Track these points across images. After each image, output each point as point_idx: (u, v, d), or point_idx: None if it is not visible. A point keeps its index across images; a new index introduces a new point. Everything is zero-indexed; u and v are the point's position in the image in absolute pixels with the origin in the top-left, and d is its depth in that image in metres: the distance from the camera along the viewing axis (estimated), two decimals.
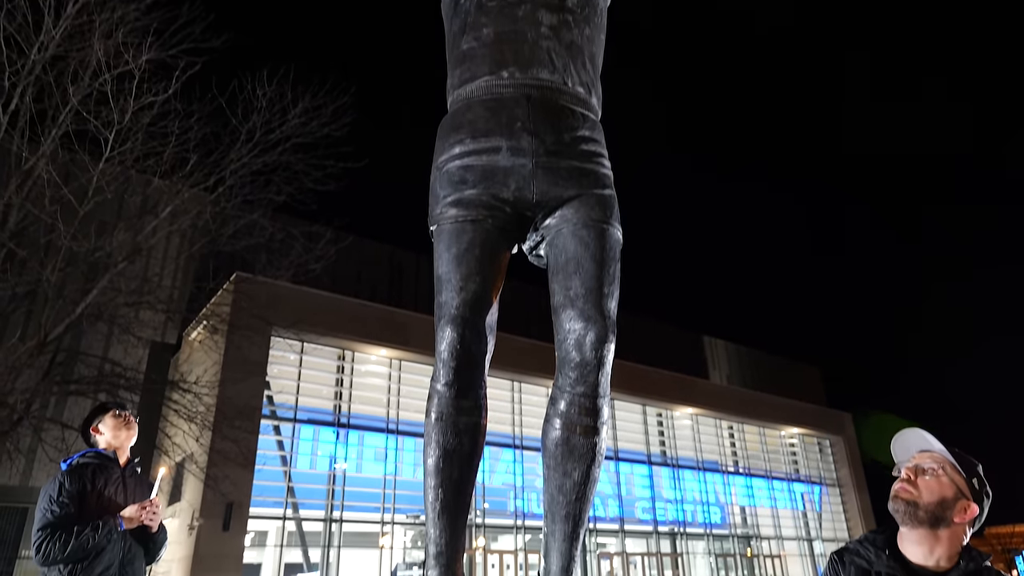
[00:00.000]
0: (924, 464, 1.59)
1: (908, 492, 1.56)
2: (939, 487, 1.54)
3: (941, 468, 1.58)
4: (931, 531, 1.52)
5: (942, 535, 1.52)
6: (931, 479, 1.56)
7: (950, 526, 1.52)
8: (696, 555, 37.04)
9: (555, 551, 2.31)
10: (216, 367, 19.48)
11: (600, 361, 2.20)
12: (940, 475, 1.57)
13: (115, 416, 2.95)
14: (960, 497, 1.53)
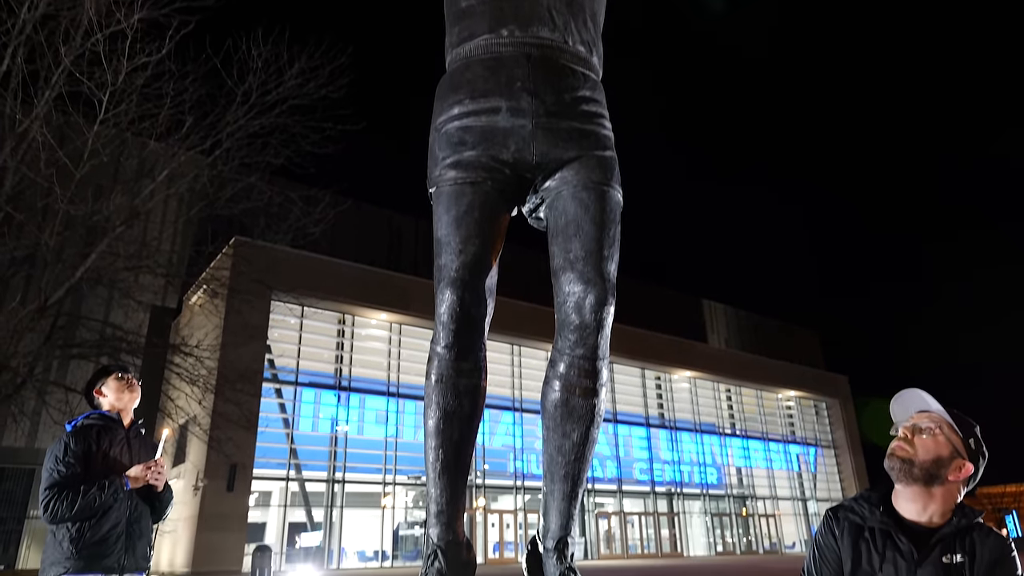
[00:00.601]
0: (922, 424, 1.61)
1: (904, 450, 1.58)
2: (935, 446, 1.57)
3: (938, 427, 1.59)
4: (925, 488, 1.54)
5: (936, 492, 1.54)
6: (928, 438, 1.58)
7: (944, 484, 1.55)
8: (692, 515, 37.76)
9: (554, 510, 2.35)
10: (217, 331, 19.57)
11: (600, 324, 2.21)
12: (937, 434, 1.58)
13: (118, 379, 2.98)
14: (956, 456, 1.55)
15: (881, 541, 1.55)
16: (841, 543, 1.60)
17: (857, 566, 1.55)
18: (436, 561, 2.21)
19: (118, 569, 2.69)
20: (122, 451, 2.85)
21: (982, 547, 1.51)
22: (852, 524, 1.61)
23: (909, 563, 1.50)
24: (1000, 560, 1.50)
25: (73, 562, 2.60)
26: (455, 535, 2.28)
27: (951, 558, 1.50)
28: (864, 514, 1.61)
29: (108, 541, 2.68)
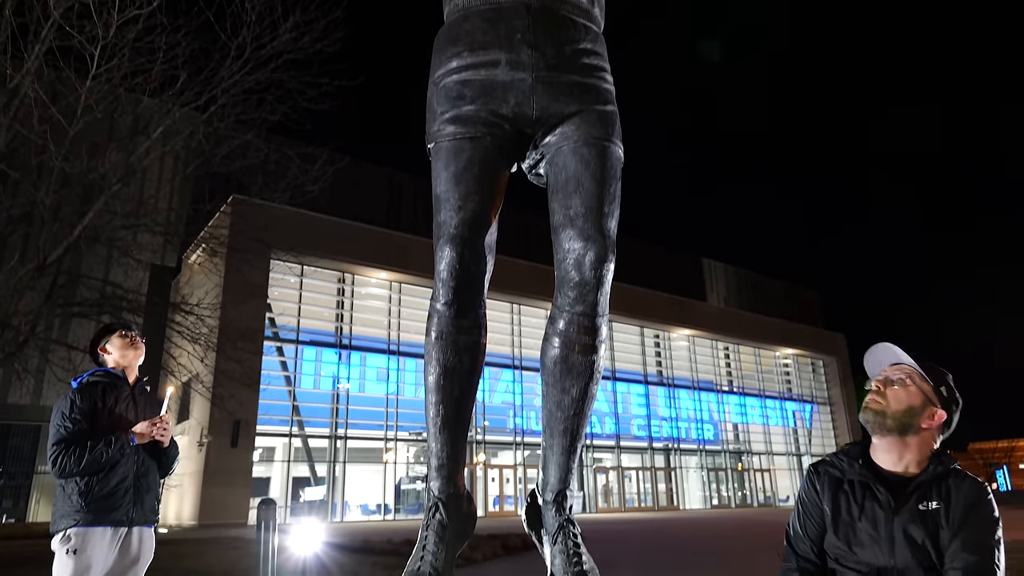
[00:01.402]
0: (893, 376, 1.64)
1: (877, 402, 1.61)
2: (907, 396, 1.60)
3: (909, 378, 1.62)
4: (900, 438, 1.57)
5: (910, 442, 1.57)
6: (899, 388, 1.61)
7: (918, 433, 1.58)
8: (689, 469, 38.46)
9: (553, 464, 2.38)
10: (217, 289, 19.61)
11: (599, 280, 2.20)
12: (908, 384, 1.61)
13: (121, 336, 2.99)
14: (928, 404, 1.58)
15: (860, 492, 1.59)
16: (823, 497, 1.64)
17: (837, 517, 1.59)
18: (437, 513, 2.25)
19: (127, 522, 2.74)
20: (127, 408, 2.88)
21: (957, 492, 1.54)
22: (832, 478, 1.65)
23: (887, 512, 1.54)
24: (976, 503, 1.53)
25: (83, 515, 2.65)
26: (456, 488, 2.32)
27: (927, 505, 1.53)
28: (843, 467, 1.64)
29: (116, 495, 2.73)
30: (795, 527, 1.68)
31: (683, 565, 8.76)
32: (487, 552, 9.79)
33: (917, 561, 1.50)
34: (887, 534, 1.53)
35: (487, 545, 10.22)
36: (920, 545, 1.50)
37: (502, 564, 8.93)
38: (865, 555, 1.54)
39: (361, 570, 7.87)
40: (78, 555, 2.61)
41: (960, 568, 1.46)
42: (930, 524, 1.52)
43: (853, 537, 1.57)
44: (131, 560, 2.76)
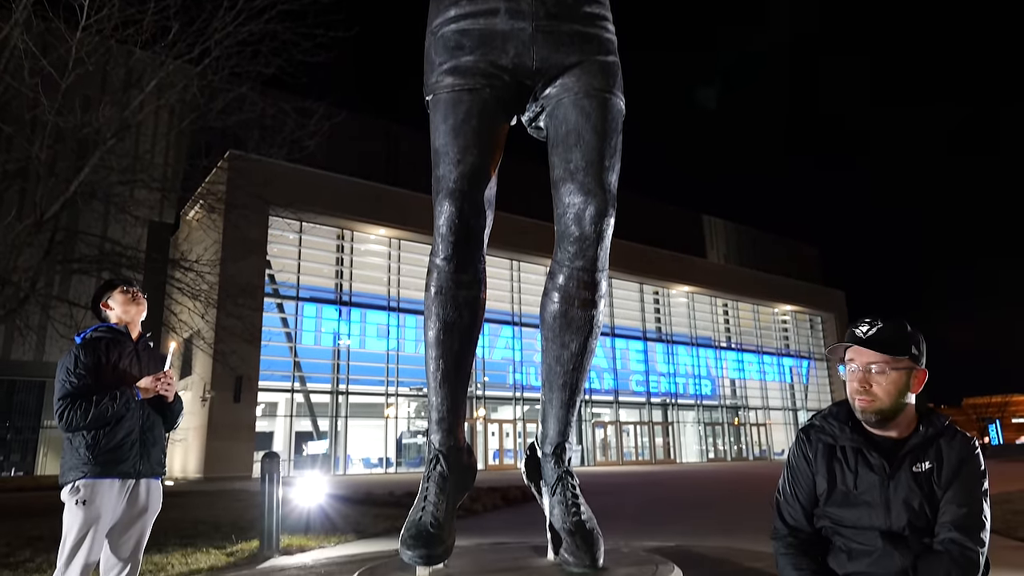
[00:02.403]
0: (871, 368, 1.59)
1: (870, 403, 1.57)
2: (895, 383, 1.57)
3: (885, 363, 1.58)
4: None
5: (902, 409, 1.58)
6: (881, 378, 1.57)
7: (908, 399, 1.58)
8: (686, 424, 39.03)
9: (552, 417, 2.42)
10: (216, 246, 19.56)
11: (599, 235, 2.19)
12: (887, 371, 1.57)
13: (123, 292, 2.99)
14: (913, 371, 1.57)
15: (853, 459, 1.60)
16: (815, 466, 1.64)
17: (833, 487, 1.60)
18: (438, 465, 2.29)
19: (134, 474, 2.79)
20: (131, 363, 2.90)
21: (949, 450, 1.56)
22: (825, 445, 1.65)
23: (881, 477, 1.55)
24: (965, 459, 1.55)
25: (91, 467, 2.69)
26: (456, 441, 2.36)
27: (920, 466, 1.55)
28: (835, 433, 1.64)
29: (123, 448, 2.77)
30: (785, 493, 1.68)
31: (681, 516, 8.95)
32: (487, 504, 10.00)
33: (913, 522, 1.52)
34: (883, 499, 1.54)
35: (487, 497, 10.43)
36: (916, 508, 1.53)
37: (502, 515, 9.12)
38: (861, 519, 1.56)
39: (364, 521, 8.04)
40: (87, 505, 2.66)
41: (949, 520, 1.49)
42: (924, 485, 1.54)
43: (848, 503, 1.58)
44: (139, 510, 2.82)
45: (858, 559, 1.54)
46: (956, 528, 1.48)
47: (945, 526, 1.49)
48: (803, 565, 1.56)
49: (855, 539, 1.55)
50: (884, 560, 1.50)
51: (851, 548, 1.55)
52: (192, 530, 7.13)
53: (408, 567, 2.14)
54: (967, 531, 1.47)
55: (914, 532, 1.52)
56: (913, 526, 1.52)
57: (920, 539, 1.51)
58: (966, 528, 1.48)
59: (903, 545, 1.50)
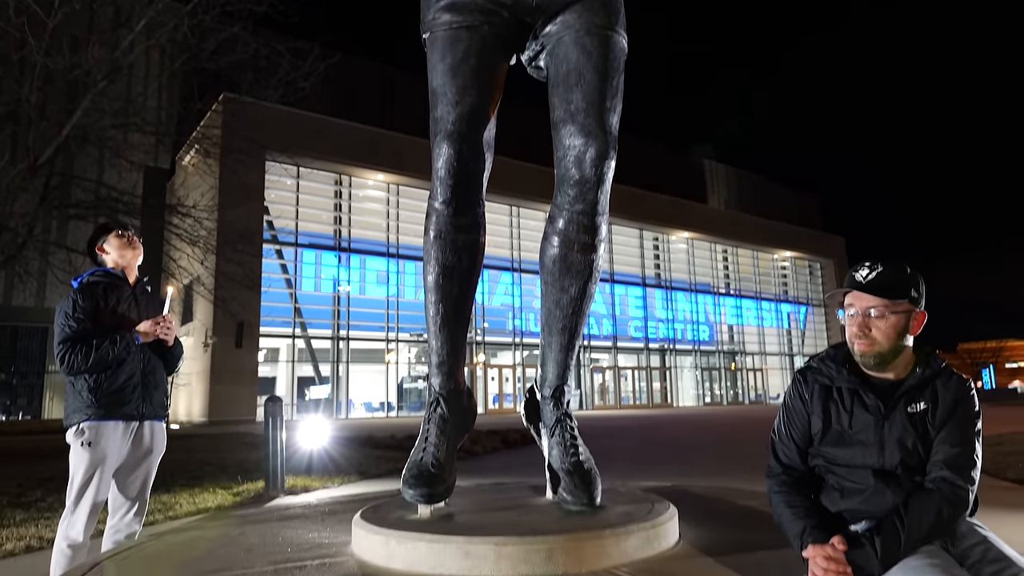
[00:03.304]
0: (870, 312, 1.58)
1: (869, 346, 1.57)
2: (894, 326, 1.56)
3: (884, 307, 1.57)
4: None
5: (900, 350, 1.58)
6: (881, 322, 1.57)
7: (906, 341, 1.58)
8: (683, 369, 39.50)
9: (551, 361, 2.43)
10: (213, 191, 19.39)
11: (600, 178, 2.16)
12: (887, 315, 1.56)
13: (118, 236, 2.97)
14: (912, 314, 1.57)
15: (849, 399, 1.61)
16: (811, 407, 1.65)
17: (828, 427, 1.62)
18: (439, 407, 2.31)
19: (138, 416, 2.83)
20: (130, 307, 2.90)
21: (945, 391, 1.57)
22: (821, 386, 1.66)
23: (876, 417, 1.56)
24: (960, 400, 1.56)
25: (94, 410, 2.73)
26: (456, 384, 2.38)
27: (916, 407, 1.56)
28: (832, 375, 1.64)
29: (125, 391, 2.80)
30: (780, 432, 1.70)
31: (677, 458, 9.14)
32: (487, 446, 10.21)
33: (906, 461, 1.54)
34: (877, 438, 1.56)
35: (487, 440, 10.64)
36: (910, 447, 1.55)
37: (502, 457, 9.32)
38: (854, 458, 1.58)
39: (366, 463, 8.22)
40: (92, 447, 2.71)
41: (942, 459, 1.51)
42: (919, 425, 1.55)
43: (842, 443, 1.60)
44: (144, 452, 2.87)
45: (850, 497, 1.57)
46: (948, 467, 1.50)
47: (937, 465, 1.51)
48: (796, 502, 1.59)
49: (848, 477, 1.58)
50: (875, 498, 1.53)
51: (843, 486, 1.58)
52: (198, 471, 7.30)
53: (410, 505, 2.18)
54: (958, 470, 1.50)
55: (906, 471, 1.54)
56: (906, 465, 1.54)
57: (912, 478, 1.54)
58: (958, 467, 1.50)
59: (895, 483, 1.53)
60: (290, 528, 2.52)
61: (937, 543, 1.47)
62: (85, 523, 2.68)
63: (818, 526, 1.50)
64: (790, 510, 1.57)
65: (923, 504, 1.46)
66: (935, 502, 1.46)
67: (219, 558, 2.08)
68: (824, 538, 1.46)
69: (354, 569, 1.88)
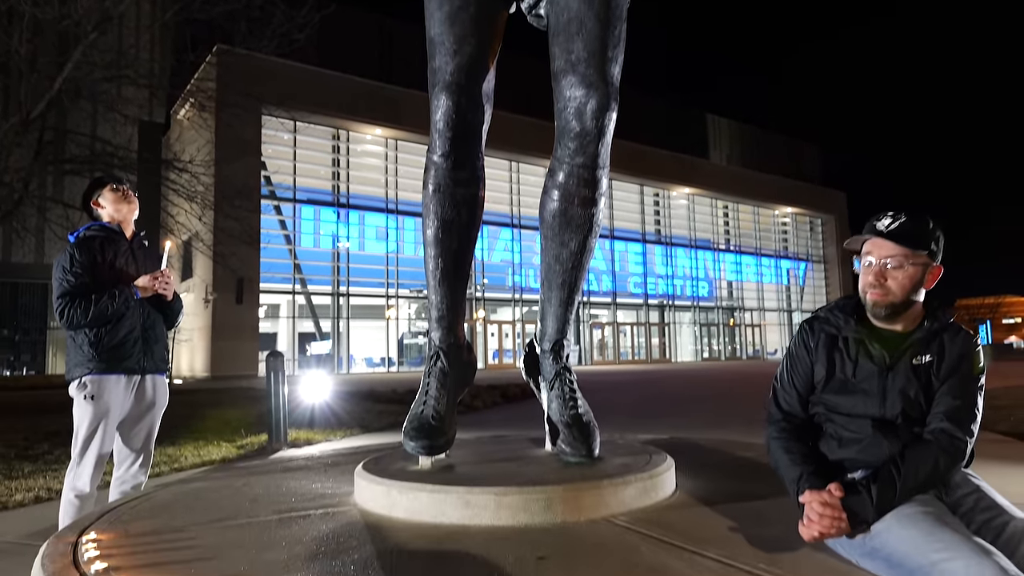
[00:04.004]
0: (887, 262, 1.56)
1: (883, 296, 1.56)
2: (910, 277, 1.55)
3: (903, 257, 1.55)
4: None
5: (911, 303, 1.58)
6: (898, 272, 1.55)
7: (919, 295, 1.57)
8: (682, 325, 39.71)
9: (551, 315, 2.43)
10: (209, 146, 19.13)
11: (601, 131, 2.13)
12: (905, 265, 1.55)
13: (113, 190, 2.94)
14: (929, 267, 1.56)
15: (854, 349, 1.61)
16: (815, 355, 1.65)
17: (831, 375, 1.62)
18: (439, 361, 2.33)
19: (139, 370, 2.85)
20: (127, 262, 2.89)
21: (951, 345, 1.57)
22: (827, 335, 1.65)
23: (881, 367, 1.57)
24: (966, 355, 1.56)
25: (96, 363, 2.74)
26: (456, 338, 2.38)
27: (921, 359, 1.56)
28: (839, 324, 1.64)
29: (126, 345, 2.81)
30: (783, 380, 1.71)
31: (675, 412, 9.26)
32: (487, 400, 10.33)
33: (907, 411, 1.55)
34: (880, 388, 1.56)
35: (487, 394, 10.76)
36: (911, 397, 1.55)
37: (501, 411, 9.43)
38: (855, 407, 1.58)
39: (368, 417, 8.33)
40: (95, 400, 2.73)
41: (942, 411, 1.52)
42: (922, 377, 1.56)
43: (844, 391, 1.60)
44: (147, 405, 2.89)
45: (848, 446, 1.58)
46: (948, 419, 1.51)
47: (938, 416, 1.53)
48: (794, 449, 1.60)
49: (847, 427, 1.59)
50: (873, 448, 1.54)
51: (842, 436, 1.60)
52: (202, 425, 7.39)
53: (411, 457, 2.22)
54: (958, 422, 1.51)
55: (906, 421, 1.55)
56: (906, 415, 1.55)
57: (911, 429, 1.55)
58: (958, 419, 1.51)
59: (893, 434, 1.54)
60: (293, 479, 2.56)
61: (931, 492, 1.50)
62: (91, 474, 2.72)
63: (815, 472, 1.52)
64: (788, 456, 1.59)
65: (921, 454, 1.48)
66: (932, 452, 1.48)
67: (224, 507, 2.12)
68: (821, 484, 1.48)
69: (357, 518, 1.92)
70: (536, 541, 1.64)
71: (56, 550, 1.69)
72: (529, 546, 1.60)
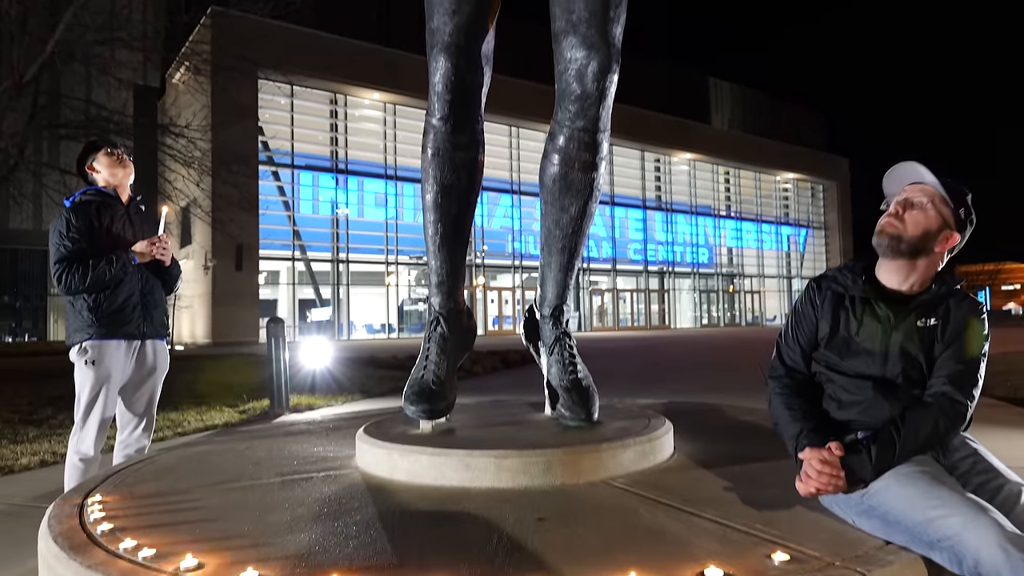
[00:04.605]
0: (914, 198, 1.58)
1: (894, 226, 1.56)
2: (925, 220, 1.55)
3: (930, 201, 1.56)
4: (910, 261, 1.57)
5: (920, 264, 1.57)
6: (918, 212, 1.56)
7: (929, 255, 1.57)
8: (682, 291, 39.77)
9: (551, 281, 2.43)
10: (205, 111, 18.90)
11: (602, 93, 2.10)
12: (928, 208, 1.56)
13: (107, 154, 2.91)
14: (944, 228, 1.55)
15: (860, 308, 1.61)
16: (820, 312, 1.65)
17: (835, 332, 1.62)
18: (439, 326, 2.33)
19: (139, 335, 2.85)
20: (124, 227, 2.88)
21: (957, 310, 1.57)
22: (834, 293, 1.66)
23: (885, 326, 1.57)
24: (972, 319, 1.57)
25: (96, 329, 2.75)
26: (456, 303, 2.38)
27: (925, 322, 1.56)
28: (847, 283, 1.64)
29: (125, 311, 2.81)
30: (787, 336, 1.72)
31: (674, 378, 9.32)
32: (487, 366, 10.40)
33: (908, 372, 1.56)
34: (882, 348, 1.57)
35: (487, 360, 10.82)
36: (913, 358, 1.56)
37: (501, 377, 9.50)
38: (857, 367, 1.59)
39: (368, 382, 8.38)
40: (96, 365, 2.74)
41: (945, 375, 1.53)
42: (926, 339, 1.56)
43: (847, 350, 1.61)
44: (148, 370, 2.91)
45: (848, 408, 1.59)
46: (950, 382, 1.52)
47: (940, 380, 1.53)
48: (795, 405, 1.62)
49: (848, 388, 1.60)
50: (873, 409, 1.55)
51: (842, 397, 1.61)
52: (204, 390, 7.45)
53: (412, 421, 2.23)
54: (960, 386, 1.52)
55: (907, 382, 1.56)
56: (907, 376, 1.56)
57: (911, 391, 1.56)
58: (960, 383, 1.52)
59: (893, 396, 1.55)
60: (295, 443, 2.59)
61: (929, 453, 1.51)
62: (94, 438, 2.75)
63: (815, 430, 1.54)
64: (788, 412, 1.60)
65: (921, 416, 1.49)
66: (932, 415, 1.49)
67: (228, 470, 2.15)
68: (820, 442, 1.50)
69: (359, 481, 1.94)
70: (536, 503, 1.66)
71: (63, 511, 1.71)
72: (529, 507, 1.62)
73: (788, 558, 1.24)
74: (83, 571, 1.28)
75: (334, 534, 1.45)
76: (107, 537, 1.47)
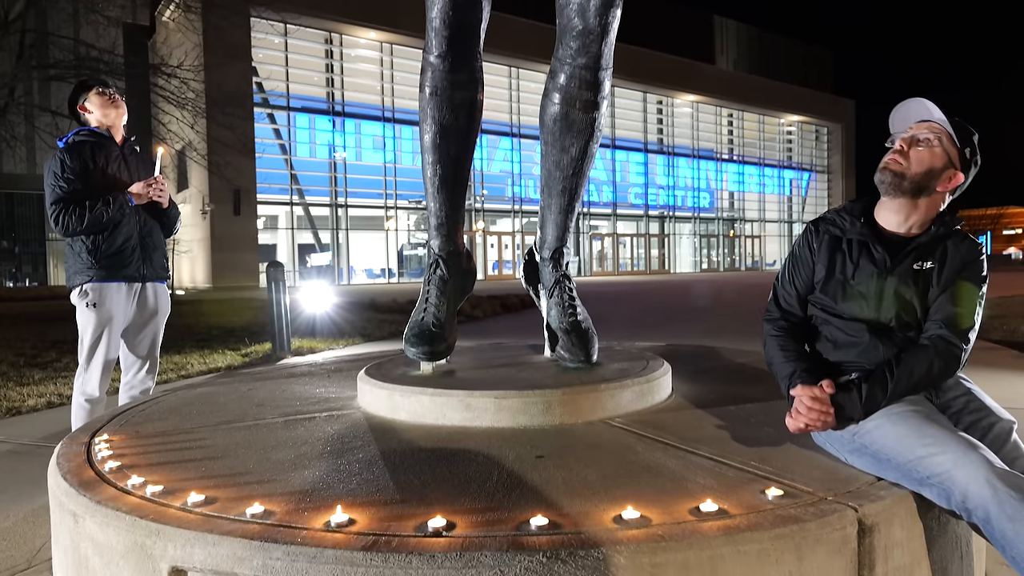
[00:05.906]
0: (920, 135, 1.55)
1: (898, 163, 1.54)
2: (930, 158, 1.52)
3: (937, 139, 1.53)
4: (911, 200, 1.54)
5: (921, 203, 1.55)
6: (924, 150, 1.53)
7: (931, 195, 1.55)
8: (682, 236, 39.67)
9: (551, 223, 2.41)
10: (197, 50, 18.44)
11: (604, 29, 2.03)
12: (934, 145, 1.53)
13: (99, 94, 2.85)
14: (949, 167, 1.53)
15: (857, 251, 1.59)
16: (817, 256, 1.64)
17: (831, 275, 1.61)
18: (438, 269, 2.33)
19: (139, 277, 2.85)
20: (120, 168, 2.84)
21: (955, 252, 1.55)
22: (831, 236, 1.64)
23: (881, 270, 1.56)
24: (969, 262, 1.55)
25: (96, 271, 2.74)
26: (455, 246, 2.37)
27: (922, 265, 1.55)
28: (844, 226, 1.62)
29: (124, 253, 2.80)
30: (783, 279, 1.71)
31: (673, 321, 9.38)
32: (487, 310, 10.45)
33: (902, 315, 1.55)
34: (877, 291, 1.56)
35: (487, 304, 10.87)
36: (908, 302, 1.55)
37: (501, 321, 9.56)
38: (852, 310, 1.59)
39: (369, 326, 8.44)
40: (98, 307, 2.75)
41: (941, 318, 1.52)
42: (921, 283, 1.55)
43: (842, 293, 1.60)
44: (150, 313, 2.92)
45: (843, 349, 1.60)
46: (946, 325, 1.52)
47: (936, 322, 1.53)
48: (789, 346, 1.63)
49: (843, 330, 1.60)
50: (868, 351, 1.56)
51: (836, 339, 1.61)
52: (207, 334, 7.50)
53: (413, 363, 2.25)
54: (956, 328, 1.52)
55: (901, 326, 1.56)
56: (901, 319, 1.56)
57: (906, 334, 1.56)
58: (956, 326, 1.52)
59: (888, 338, 1.56)
60: (298, 384, 2.62)
61: (922, 393, 1.52)
62: (99, 379, 2.78)
63: (808, 369, 1.55)
64: (782, 352, 1.62)
65: (915, 358, 1.50)
66: (928, 356, 1.49)
67: (231, 410, 2.18)
68: (813, 380, 1.51)
69: (361, 420, 1.97)
70: (535, 441, 1.69)
71: (71, 450, 1.75)
72: (528, 446, 1.65)
73: (782, 493, 1.27)
74: (93, 506, 1.31)
75: (337, 471, 1.48)
76: (115, 474, 1.50)
